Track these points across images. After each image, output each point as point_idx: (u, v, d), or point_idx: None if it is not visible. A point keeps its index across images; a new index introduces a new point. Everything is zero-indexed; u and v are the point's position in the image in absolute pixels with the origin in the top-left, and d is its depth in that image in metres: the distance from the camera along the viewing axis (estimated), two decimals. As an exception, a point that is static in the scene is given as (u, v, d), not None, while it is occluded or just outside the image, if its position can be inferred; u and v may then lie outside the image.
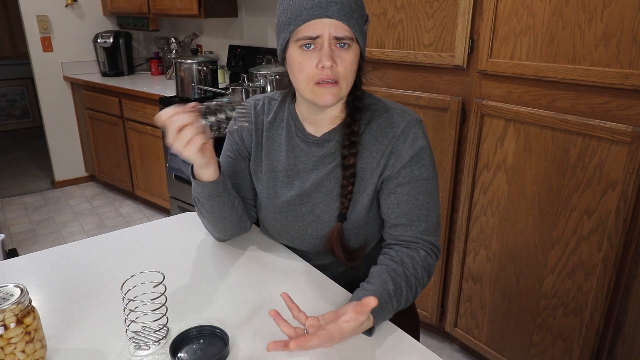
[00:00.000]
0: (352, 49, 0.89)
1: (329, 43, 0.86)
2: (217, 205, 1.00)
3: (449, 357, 1.99)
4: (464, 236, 1.80)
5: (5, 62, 5.31)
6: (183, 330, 0.79)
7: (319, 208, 1.01)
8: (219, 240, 1.13)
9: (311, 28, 0.86)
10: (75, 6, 3.70)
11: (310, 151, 1.01)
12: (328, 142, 1.00)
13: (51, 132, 3.79)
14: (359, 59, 0.92)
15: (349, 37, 0.87)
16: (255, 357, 0.77)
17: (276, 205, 1.06)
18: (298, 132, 1.03)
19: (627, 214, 1.33)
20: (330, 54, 0.86)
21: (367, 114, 0.98)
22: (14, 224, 3.31)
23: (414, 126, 0.96)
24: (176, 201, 3.05)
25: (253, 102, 1.09)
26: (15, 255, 1.38)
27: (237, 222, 1.07)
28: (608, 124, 1.33)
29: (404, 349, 0.79)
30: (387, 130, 0.96)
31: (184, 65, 2.82)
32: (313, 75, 0.88)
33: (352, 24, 0.86)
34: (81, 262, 1.04)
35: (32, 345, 0.71)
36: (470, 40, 1.61)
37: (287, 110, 1.05)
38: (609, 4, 1.26)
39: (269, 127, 1.06)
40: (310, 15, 0.85)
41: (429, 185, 0.96)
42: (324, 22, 0.85)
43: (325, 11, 0.84)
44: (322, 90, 0.89)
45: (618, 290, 1.42)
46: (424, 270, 0.93)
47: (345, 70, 0.88)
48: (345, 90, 0.92)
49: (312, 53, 0.88)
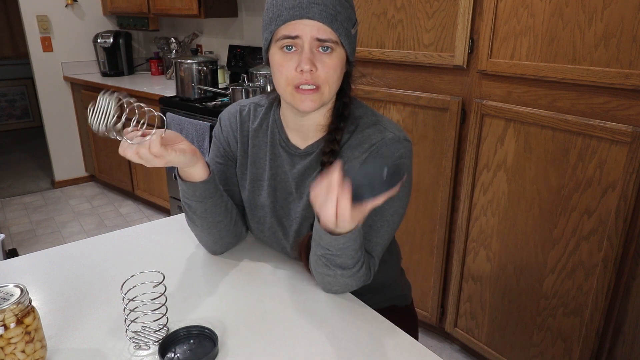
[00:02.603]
0: (336, 53, 0.84)
1: (310, 46, 0.82)
2: (211, 208, 0.95)
3: (449, 357, 1.99)
4: (464, 236, 1.79)
5: (5, 62, 5.31)
6: (172, 331, 0.79)
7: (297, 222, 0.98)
8: (215, 252, 1.06)
9: (290, 28, 0.82)
10: (75, 6, 3.71)
11: (292, 162, 0.97)
12: (311, 154, 0.96)
13: (51, 132, 3.79)
14: (344, 64, 0.88)
15: (333, 40, 0.83)
16: (245, 356, 0.77)
17: (257, 215, 1.03)
18: (282, 142, 0.98)
19: (627, 214, 1.33)
20: (310, 58, 0.82)
21: (351, 127, 0.94)
22: (14, 224, 3.31)
23: (392, 144, 0.90)
24: (176, 201, 3.05)
25: (239, 107, 1.05)
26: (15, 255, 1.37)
27: (232, 227, 1.02)
28: (608, 124, 1.33)
29: (404, 349, 0.79)
30: (364, 144, 0.91)
31: (184, 65, 2.82)
32: (292, 78, 0.84)
33: (335, 27, 0.82)
34: (81, 262, 1.04)
35: (32, 345, 0.71)
36: (470, 40, 1.61)
37: (272, 118, 1.01)
38: (609, 4, 1.26)
39: (255, 135, 1.02)
40: (291, 15, 0.81)
41: (385, 211, 0.90)
42: (305, 23, 0.81)
43: (307, 12, 0.81)
44: (302, 97, 0.85)
45: (618, 290, 1.42)
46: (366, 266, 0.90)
47: (327, 75, 0.84)
48: (328, 96, 0.87)
49: (292, 55, 0.84)
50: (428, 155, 1.82)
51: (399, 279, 1.18)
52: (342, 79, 0.90)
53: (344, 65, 0.89)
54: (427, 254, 1.94)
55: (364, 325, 0.85)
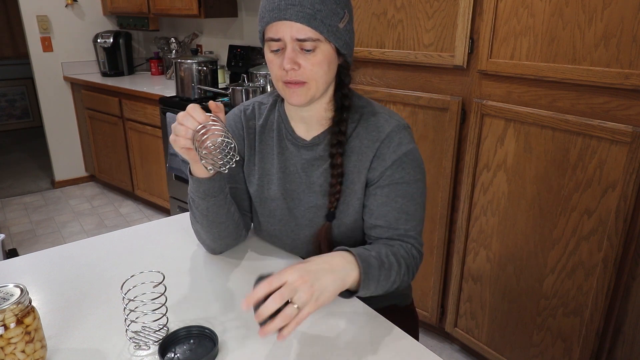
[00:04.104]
0: (320, 49, 0.87)
1: (292, 46, 0.86)
2: (213, 207, 0.97)
3: (449, 357, 1.99)
4: (464, 236, 1.80)
5: (5, 62, 5.32)
6: (172, 331, 0.79)
7: (310, 212, 1.00)
8: (212, 251, 1.07)
9: (273, 30, 0.87)
10: (75, 6, 3.71)
11: (299, 154, 1.00)
12: (317, 145, 0.99)
13: (51, 132, 3.79)
14: (333, 58, 0.90)
15: (313, 39, 0.85)
16: (244, 356, 0.77)
17: (268, 208, 1.05)
18: (288, 135, 1.02)
19: (627, 214, 1.33)
20: (291, 57, 0.86)
21: (355, 116, 0.98)
22: (14, 224, 3.31)
23: (400, 131, 0.95)
24: (176, 201, 3.05)
25: (243, 108, 1.08)
26: (15, 255, 1.38)
27: (233, 229, 1.04)
28: (608, 124, 1.33)
29: (404, 349, 0.79)
30: (374, 134, 0.95)
31: (184, 65, 2.82)
32: (280, 75, 0.89)
33: (315, 25, 0.84)
34: (81, 262, 1.04)
35: (32, 345, 0.71)
36: (470, 40, 1.61)
37: (277, 113, 1.04)
38: (609, 4, 1.26)
39: (261, 131, 1.05)
40: (271, 17, 0.86)
41: (410, 188, 0.94)
42: (285, 24, 0.85)
43: (284, 14, 0.84)
44: (290, 91, 0.90)
45: (618, 290, 1.42)
46: (407, 259, 0.91)
47: (311, 71, 0.88)
48: (316, 90, 0.91)
49: (279, 54, 0.89)
50: (428, 155, 1.82)
51: None
52: (334, 71, 0.93)
53: (335, 59, 0.91)
54: (427, 254, 1.94)
55: (364, 325, 0.85)
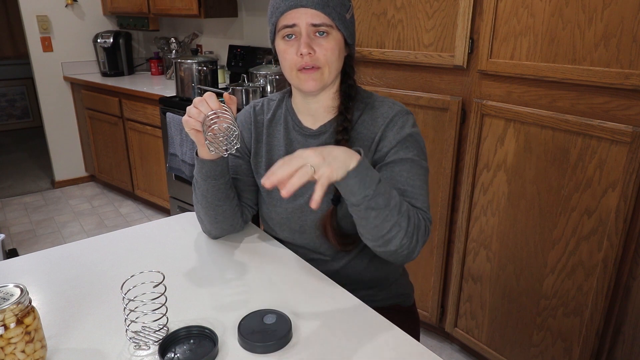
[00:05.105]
0: (332, 36, 0.94)
1: (307, 32, 0.92)
2: (212, 189, 1.02)
3: (449, 357, 1.99)
4: (464, 236, 1.79)
5: (5, 62, 5.31)
6: (172, 331, 0.79)
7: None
8: (211, 235, 1.13)
9: (288, 17, 0.92)
10: (75, 6, 3.70)
11: (307, 143, 1.05)
12: (324, 133, 1.04)
13: (51, 132, 3.79)
14: (342, 47, 0.97)
15: (327, 25, 0.92)
16: (244, 356, 0.77)
17: (275, 197, 1.08)
18: (295, 126, 1.07)
19: (627, 214, 1.33)
20: (307, 42, 0.92)
21: (361, 105, 1.03)
22: (14, 224, 3.31)
23: (402, 115, 1.00)
24: (176, 201, 3.05)
25: (253, 104, 1.14)
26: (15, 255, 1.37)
27: (230, 214, 1.08)
28: (608, 124, 1.33)
29: (404, 349, 0.79)
30: (379, 120, 1.00)
31: (184, 65, 2.82)
32: (295, 62, 0.94)
33: (328, 12, 0.91)
34: (81, 262, 1.04)
35: (32, 345, 0.71)
36: (470, 40, 1.61)
37: (284, 107, 1.10)
38: (609, 4, 1.26)
39: (269, 125, 1.11)
40: (287, 6, 0.92)
41: (414, 165, 0.97)
42: (300, 11, 0.91)
43: (300, 1, 0.91)
44: (305, 77, 0.95)
45: (618, 290, 1.42)
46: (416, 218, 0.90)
47: (325, 56, 0.93)
48: (328, 76, 0.96)
49: (293, 42, 0.94)
50: (428, 155, 1.81)
51: (403, 276, 1.20)
52: (342, 60, 0.99)
53: (343, 48, 0.98)
54: (427, 254, 1.94)
55: (364, 325, 0.85)
